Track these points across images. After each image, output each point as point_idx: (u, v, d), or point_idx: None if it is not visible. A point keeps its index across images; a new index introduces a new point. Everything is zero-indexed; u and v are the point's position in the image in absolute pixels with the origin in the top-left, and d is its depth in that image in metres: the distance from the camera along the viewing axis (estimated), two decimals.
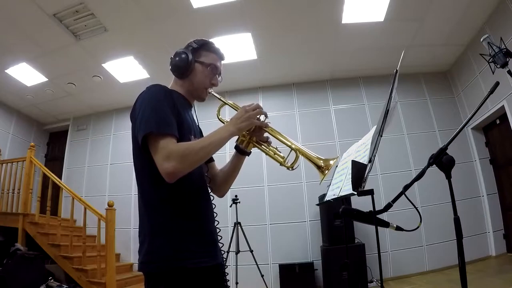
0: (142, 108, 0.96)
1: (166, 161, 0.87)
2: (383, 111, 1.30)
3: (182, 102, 1.10)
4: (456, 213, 1.08)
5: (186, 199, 0.99)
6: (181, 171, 0.89)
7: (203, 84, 1.14)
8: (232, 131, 1.01)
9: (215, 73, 1.16)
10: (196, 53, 1.13)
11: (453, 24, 3.90)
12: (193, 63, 1.11)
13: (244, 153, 1.17)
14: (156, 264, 0.92)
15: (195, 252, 0.96)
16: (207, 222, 1.05)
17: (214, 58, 1.17)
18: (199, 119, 1.25)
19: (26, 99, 5.13)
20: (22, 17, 3.36)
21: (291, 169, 1.09)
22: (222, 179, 1.23)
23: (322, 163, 1.05)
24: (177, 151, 0.89)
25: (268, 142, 1.15)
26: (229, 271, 4.07)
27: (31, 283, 3.36)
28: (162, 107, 0.96)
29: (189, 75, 1.12)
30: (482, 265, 3.75)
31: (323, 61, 4.64)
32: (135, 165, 1.03)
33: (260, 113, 1.06)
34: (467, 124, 1.23)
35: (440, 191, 3.95)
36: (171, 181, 0.89)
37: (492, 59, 2.05)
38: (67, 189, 3.97)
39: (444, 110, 4.76)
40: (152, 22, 3.60)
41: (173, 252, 0.93)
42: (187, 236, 0.96)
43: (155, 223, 0.96)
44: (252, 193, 4.59)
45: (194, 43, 1.15)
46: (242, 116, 1.03)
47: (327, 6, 3.53)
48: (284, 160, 1.11)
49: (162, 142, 0.90)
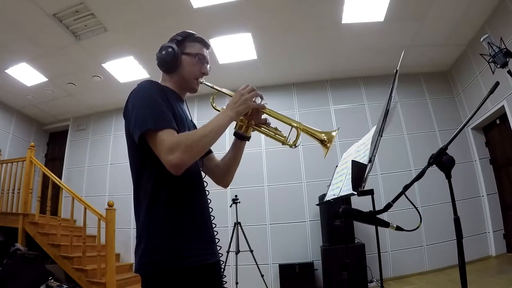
0: (135, 106, 0.95)
1: (170, 154, 0.86)
2: (383, 111, 1.30)
3: (173, 97, 1.08)
4: (456, 213, 1.08)
5: (183, 196, 0.98)
6: (186, 162, 0.88)
7: (194, 75, 1.13)
8: (231, 116, 1.00)
9: (203, 62, 1.15)
10: (181, 45, 1.12)
11: (453, 24, 3.90)
12: (180, 56, 1.10)
13: (244, 138, 1.15)
14: (154, 266, 0.90)
15: (196, 250, 0.95)
16: (204, 217, 1.04)
17: (200, 47, 1.15)
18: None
19: (26, 99, 5.13)
20: (22, 17, 3.36)
21: (294, 147, 1.07)
22: (223, 169, 1.20)
23: (325, 136, 1.04)
24: (179, 142, 0.88)
25: (267, 124, 1.14)
26: (229, 271, 4.07)
27: (31, 283, 3.36)
28: (155, 102, 0.94)
29: (177, 68, 1.11)
30: (482, 265, 3.75)
31: (323, 61, 4.64)
32: (130, 164, 1.02)
33: (255, 95, 1.05)
34: (467, 124, 1.23)
35: (440, 191, 3.95)
36: (178, 173, 0.88)
37: (492, 59, 2.05)
38: (67, 189, 3.97)
39: (444, 110, 4.76)
40: (152, 22, 3.60)
41: (173, 252, 0.91)
42: (187, 233, 0.95)
43: (152, 221, 0.93)
44: (252, 193, 4.59)
45: (177, 35, 1.14)
46: (238, 100, 1.02)
47: (327, 6, 3.53)
48: (286, 139, 1.09)
49: (162, 136, 0.88)
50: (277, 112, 1.09)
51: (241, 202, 3.83)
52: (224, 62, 4.39)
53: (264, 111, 1.10)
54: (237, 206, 3.77)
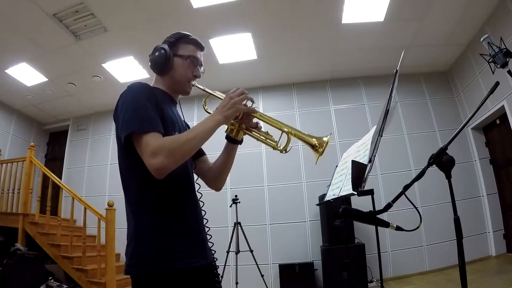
0: (123, 108, 0.94)
1: (153, 158, 0.85)
2: (383, 111, 1.31)
3: (164, 99, 1.07)
4: (456, 213, 1.08)
5: (171, 199, 0.97)
6: (169, 166, 0.87)
7: (185, 77, 1.11)
8: (218, 120, 0.98)
9: (195, 64, 1.13)
10: (174, 47, 1.11)
11: (453, 24, 3.90)
12: (172, 58, 1.09)
13: (235, 141, 1.13)
14: (143, 267, 0.89)
15: (183, 253, 0.94)
16: (194, 221, 1.03)
17: (193, 49, 1.13)
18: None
19: (26, 99, 5.12)
20: (22, 17, 3.36)
21: (284, 152, 1.05)
22: (216, 172, 1.18)
23: (316, 141, 1.01)
24: (163, 146, 0.87)
25: (258, 128, 1.11)
26: (229, 271, 4.07)
27: (31, 283, 3.36)
28: (143, 104, 0.93)
29: (169, 70, 1.09)
30: (482, 265, 3.75)
31: (323, 61, 4.64)
32: (119, 166, 1.01)
33: (245, 98, 1.03)
34: (467, 124, 1.23)
35: (440, 191, 3.95)
36: (160, 177, 0.88)
37: (492, 59, 2.05)
38: (67, 189, 3.97)
39: (444, 110, 4.76)
40: (152, 22, 3.60)
41: (160, 254, 0.90)
42: (174, 236, 0.94)
43: (140, 224, 0.94)
44: (252, 193, 4.59)
45: (171, 37, 1.12)
46: (227, 104, 1.00)
47: (327, 6, 3.53)
48: (277, 144, 1.06)
49: (146, 139, 0.88)
50: (268, 116, 1.06)
51: (241, 202, 3.83)
52: (224, 62, 4.39)
53: (254, 115, 1.07)
54: (237, 206, 3.77)
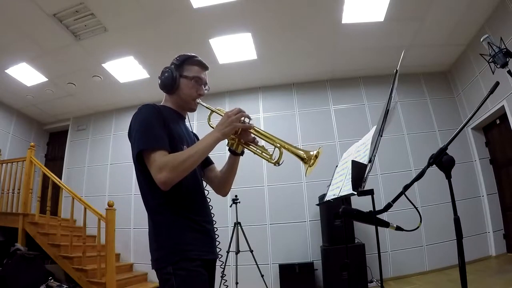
0: (135, 129, 1.09)
1: (159, 173, 0.99)
2: (383, 111, 1.31)
3: (173, 116, 1.20)
4: (456, 213, 1.08)
5: (181, 202, 1.10)
6: (172, 180, 1.01)
7: (191, 96, 1.23)
8: (217, 137, 1.10)
9: (200, 84, 1.24)
10: (180, 68, 1.22)
11: (453, 24, 3.90)
12: (178, 79, 1.21)
13: (236, 154, 1.26)
14: (162, 259, 1.04)
15: (196, 245, 1.07)
16: (203, 222, 1.15)
17: (197, 70, 1.25)
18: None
19: (26, 99, 5.13)
20: (22, 17, 3.36)
21: (277, 165, 1.16)
22: (222, 179, 1.32)
23: (304, 155, 1.10)
24: (167, 162, 1.00)
25: (255, 142, 1.23)
26: (229, 271, 4.07)
27: (31, 283, 3.36)
28: (151, 124, 1.07)
29: (176, 90, 1.22)
30: (482, 265, 3.74)
31: (323, 61, 4.64)
32: (136, 175, 1.15)
33: (242, 116, 1.13)
34: (467, 124, 1.23)
35: (440, 191, 3.94)
36: (166, 189, 1.02)
37: (492, 59, 2.05)
38: (67, 189, 3.97)
39: (444, 110, 4.75)
40: (152, 22, 3.60)
41: (175, 245, 1.04)
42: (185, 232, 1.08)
43: (157, 223, 1.09)
44: (252, 193, 4.59)
45: (176, 60, 1.24)
46: (225, 122, 1.11)
47: (327, 6, 3.53)
48: (271, 157, 1.18)
49: (153, 156, 1.02)
50: (263, 132, 1.17)
51: (241, 202, 3.82)
52: (224, 62, 4.39)
53: (251, 132, 1.18)
54: (237, 206, 3.77)
